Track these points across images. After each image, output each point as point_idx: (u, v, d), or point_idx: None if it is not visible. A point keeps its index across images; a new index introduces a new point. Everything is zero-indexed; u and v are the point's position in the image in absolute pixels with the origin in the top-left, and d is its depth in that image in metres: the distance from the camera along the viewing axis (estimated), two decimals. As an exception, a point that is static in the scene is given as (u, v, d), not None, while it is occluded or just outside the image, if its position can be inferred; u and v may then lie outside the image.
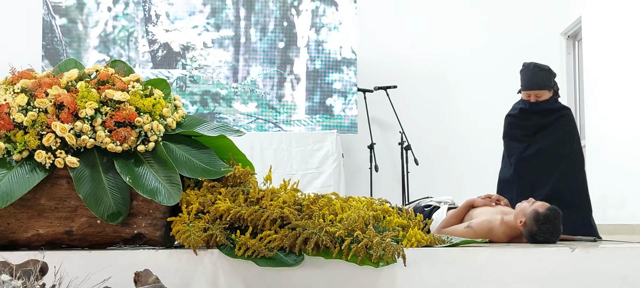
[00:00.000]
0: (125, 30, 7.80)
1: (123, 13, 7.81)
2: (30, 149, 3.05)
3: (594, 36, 7.65)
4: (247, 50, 7.87)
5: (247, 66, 7.85)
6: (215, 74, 7.82)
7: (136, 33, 7.81)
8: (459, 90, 8.62)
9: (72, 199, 3.06)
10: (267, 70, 7.84)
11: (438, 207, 4.70)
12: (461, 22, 8.69)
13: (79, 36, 7.72)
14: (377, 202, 3.39)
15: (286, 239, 2.89)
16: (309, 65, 7.88)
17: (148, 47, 7.78)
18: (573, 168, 4.91)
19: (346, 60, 7.87)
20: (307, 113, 7.79)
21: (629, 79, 6.78)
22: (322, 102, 7.81)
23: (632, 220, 6.53)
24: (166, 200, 3.02)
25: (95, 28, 7.74)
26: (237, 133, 3.45)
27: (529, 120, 4.98)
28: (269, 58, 7.87)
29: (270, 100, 7.79)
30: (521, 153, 4.96)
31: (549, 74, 4.97)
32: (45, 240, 3.10)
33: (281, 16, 7.92)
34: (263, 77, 7.84)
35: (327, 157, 7.44)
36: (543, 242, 3.83)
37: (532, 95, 4.93)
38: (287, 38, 7.88)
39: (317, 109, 7.81)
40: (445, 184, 7.85)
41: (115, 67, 3.46)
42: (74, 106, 3.11)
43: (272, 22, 7.90)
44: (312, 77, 7.84)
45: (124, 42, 7.78)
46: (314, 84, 7.81)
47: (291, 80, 7.84)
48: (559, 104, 5.04)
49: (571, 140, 4.96)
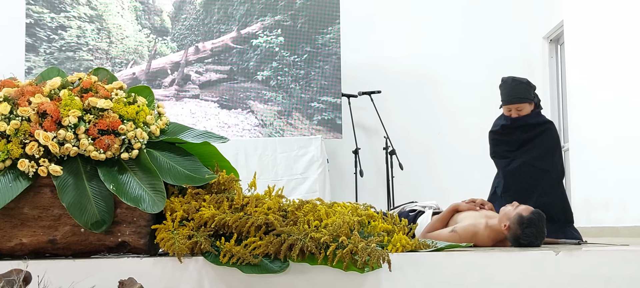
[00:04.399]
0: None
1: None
2: (13, 158, 3.03)
3: (576, 40, 7.70)
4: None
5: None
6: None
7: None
8: (443, 95, 8.66)
9: (55, 208, 3.05)
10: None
11: (423, 211, 4.71)
12: (444, 27, 8.73)
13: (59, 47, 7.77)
14: (362, 207, 3.39)
15: (271, 246, 2.89)
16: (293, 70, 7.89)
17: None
18: (555, 182, 4.93)
19: (330, 66, 7.88)
20: (291, 118, 7.79)
21: (611, 82, 6.83)
22: (307, 107, 7.82)
23: (616, 222, 6.57)
24: (150, 208, 3.01)
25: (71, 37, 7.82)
26: (221, 139, 3.44)
27: (511, 136, 4.98)
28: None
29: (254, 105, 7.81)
30: (506, 166, 4.97)
31: (528, 86, 4.95)
32: (28, 249, 3.08)
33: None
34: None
35: (312, 163, 7.44)
36: (527, 245, 3.85)
37: (513, 109, 4.91)
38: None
39: (301, 114, 7.81)
40: (430, 189, 7.88)
41: (98, 75, 3.45)
42: (57, 114, 3.10)
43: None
44: (296, 82, 7.85)
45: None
46: (298, 89, 7.82)
47: (274, 84, 7.85)
48: (541, 118, 5.04)
49: (554, 155, 4.97)
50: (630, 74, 6.48)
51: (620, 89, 6.64)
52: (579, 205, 7.21)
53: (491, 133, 5.12)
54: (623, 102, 6.58)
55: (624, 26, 6.62)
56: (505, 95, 4.94)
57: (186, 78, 7.96)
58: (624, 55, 6.59)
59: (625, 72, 6.57)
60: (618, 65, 6.71)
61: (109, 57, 7.83)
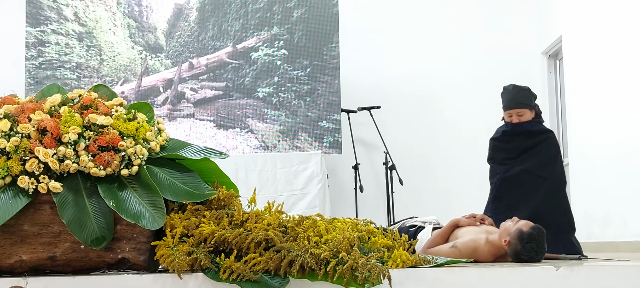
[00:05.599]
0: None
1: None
2: (13, 175, 3.03)
3: (574, 55, 7.72)
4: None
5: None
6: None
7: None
8: (442, 110, 8.66)
9: (55, 224, 3.04)
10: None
11: (423, 227, 4.70)
12: (444, 43, 8.75)
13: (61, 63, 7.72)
14: (362, 223, 3.39)
15: (271, 262, 2.88)
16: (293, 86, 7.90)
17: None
18: (555, 189, 4.93)
19: (330, 81, 7.89)
20: (291, 134, 7.79)
21: (610, 97, 6.83)
22: (307, 122, 7.82)
23: (617, 237, 6.56)
24: (150, 224, 3.01)
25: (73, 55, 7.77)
26: (221, 155, 3.44)
27: (511, 143, 4.99)
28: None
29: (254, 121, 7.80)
30: (504, 173, 4.97)
31: (529, 93, 4.99)
32: (28, 266, 3.07)
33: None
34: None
35: (312, 178, 7.44)
36: (528, 260, 3.84)
37: (513, 114, 4.94)
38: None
39: (301, 129, 7.81)
40: (430, 204, 7.87)
41: (98, 91, 3.45)
42: (57, 131, 3.10)
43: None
44: (296, 98, 7.85)
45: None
46: (298, 105, 7.82)
47: (275, 102, 7.85)
48: (542, 126, 5.06)
49: (554, 163, 4.98)
50: (629, 89, 6.48)
51: (620, 103, 6.64)
52: (580, 220, 7.16)
53: (492, 140, 5.13)
54: (623, 117, 6.58)
55: (622, 41, 6.63)
56: (507, 101, 4.97)
57: (180, 96, 7.93)
58: (623, 70, 6.60)
59: (624, 86, 6.58)
60: (617, 80, 6.72)
61: (100, 75, 7.76)
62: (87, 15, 7.81)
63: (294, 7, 7.89)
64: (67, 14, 7.77)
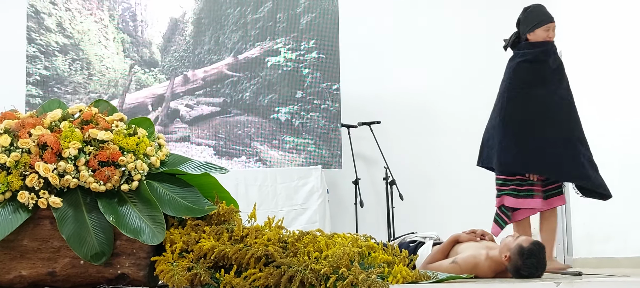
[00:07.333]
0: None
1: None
2: (13, 190, 3.03)
3: (574, 69, 7.71)
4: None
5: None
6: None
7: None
8: (443, 125, 8.66)
9: (55, 240, 3.04)
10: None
11: (423, 242, 4.69)
12: (444, 57, 8.75)
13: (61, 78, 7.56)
14: (362, 238, 3.39)
15: (271, 277, 2.88)
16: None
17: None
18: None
19: (330, 96, 7.89)
20: (291, 149, 7.78)
21: (611, 112, 6.83)
22: (307, 137, 7.81)
23: (617, 253, 6.55)
24: (150, 240, 3.01)
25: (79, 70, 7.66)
26: (221, 170, 3.44)
27: (545, 63, 4.73)
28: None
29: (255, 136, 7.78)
30: (550, 96, 4.72)
31: None
32: (28, 282, 3.07)
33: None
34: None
35: (312, 193, 7.43)
36: (528, 276, 3.84)
37: (551, 28, 4.67)
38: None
39: (301, 144, 7.80)
40: (431, 219, 7.85)
41: (98, 107, 3.46)
42: (58, 146, 3.10)
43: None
44: (296, 112, 7.84)
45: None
46: (298, 120, 7.82)
47: (274, 116, 7.84)
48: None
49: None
50: (630, 104, 6.48)
51: (621, 118, 6.64)
52: (580, 236, 7.18)
53: (522, 63, 4.76)
54: (623, 132, 6.58)
55: (622, 56, 6.64)
56: (544, 15, 4.70)
57: (173, 114, 7.65)
58: (624, 85, 6.60)
59: (625, 101, 6.58)
60: (618, 94, 6.72)
61: (87, 91, 7.47)
62: (73, 26, 7.58)
63: (296, 19, 7.88)
64: (49, 24, 7.54)
